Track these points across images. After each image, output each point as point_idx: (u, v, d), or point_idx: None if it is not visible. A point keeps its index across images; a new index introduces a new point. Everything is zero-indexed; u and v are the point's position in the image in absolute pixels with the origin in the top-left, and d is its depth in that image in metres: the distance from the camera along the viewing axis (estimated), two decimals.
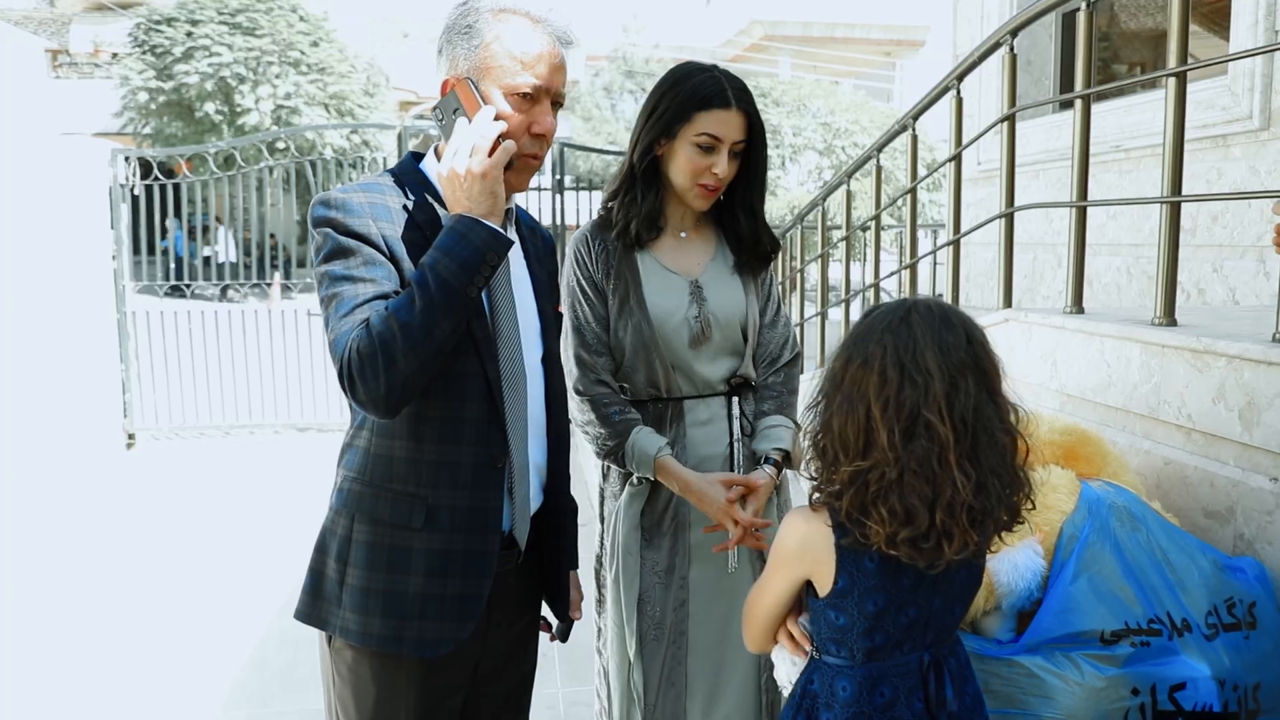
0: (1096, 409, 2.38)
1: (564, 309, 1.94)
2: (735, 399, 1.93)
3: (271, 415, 7.61)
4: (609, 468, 1.97)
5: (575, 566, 1.73)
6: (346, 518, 1.48)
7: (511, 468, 1.50)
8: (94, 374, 6.63)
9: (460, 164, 1.39)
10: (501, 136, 1.40)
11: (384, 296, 1.39)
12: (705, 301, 1.89)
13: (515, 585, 1.58)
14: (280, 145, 11.44)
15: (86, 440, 6.38)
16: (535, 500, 1.58)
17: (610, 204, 1.95)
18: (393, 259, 1.42)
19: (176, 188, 7.46)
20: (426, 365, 1.35)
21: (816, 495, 1.27)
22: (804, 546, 1.28)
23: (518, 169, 1.48)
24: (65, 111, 16.47)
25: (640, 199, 1.89)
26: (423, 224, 1.46)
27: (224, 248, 9.87)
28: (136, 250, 7.64)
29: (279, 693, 3.21)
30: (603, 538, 2.01)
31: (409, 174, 1.52)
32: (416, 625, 1.45)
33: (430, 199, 1.48)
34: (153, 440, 7.33)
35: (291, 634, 1.55)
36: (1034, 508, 1.28)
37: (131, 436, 7.21)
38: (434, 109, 1.48)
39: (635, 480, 1.90)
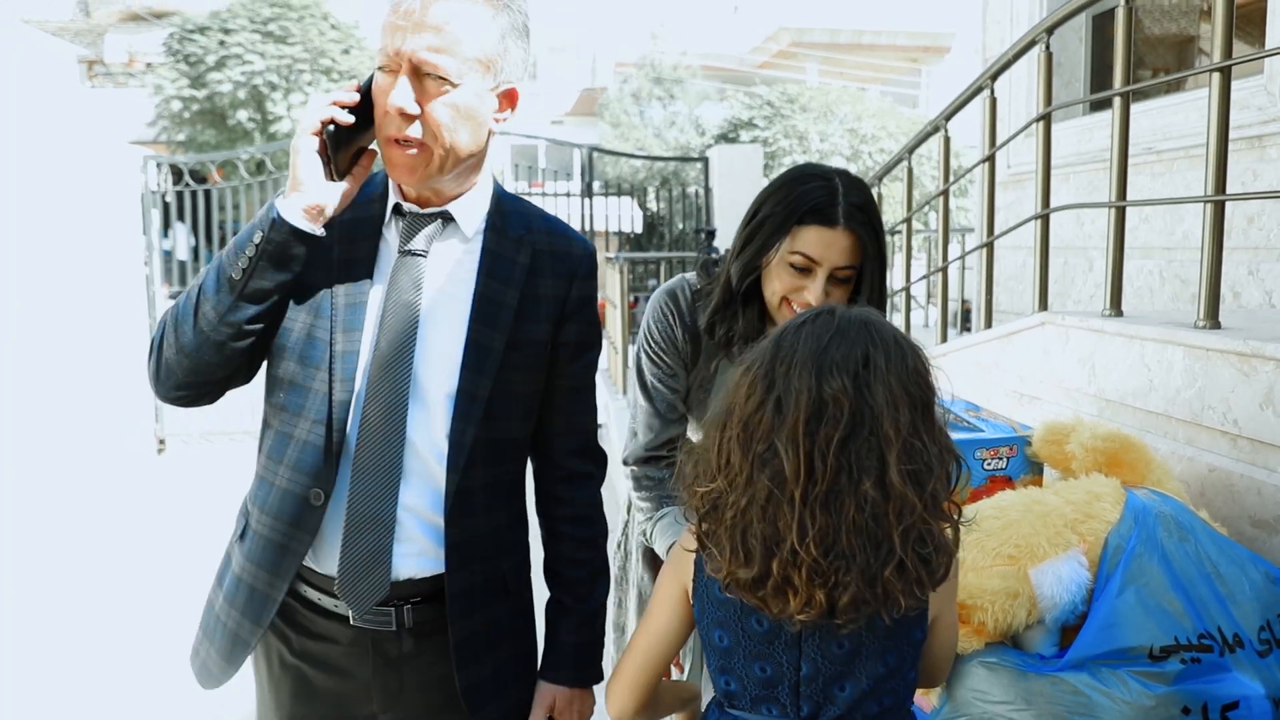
0: (1136, 414, 2.31)
1: (634, 373, 1.77)
2: None
3: None
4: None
5: (570, 682, 1.41)
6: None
7: (327, 510, 1.25)
8: (126, 379, 6.70)
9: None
10: (375, 128, 1.26)
11: None
12: None
13: (412, 650, 1.31)
14: None
15: (118, 445, 6.44)
16: (419, 564, 1.29)
17: (714, 319, 1.68)
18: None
19: (208, 194, 7.52)
20: (189, 353, 1.20)
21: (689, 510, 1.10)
22: (680, 554, 1.15)
23: (391, 161, 1.27)
24: (101, 120, 16.70)
25: (740, 316, 1.64)
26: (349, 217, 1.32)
27: (174, 245, 9.56)
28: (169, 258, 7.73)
29: None
30: (626, 530, 1.96)
31: (378, 171, 1.37)
32: (206, 648, 1.36)
33: (380, 194, 1.35)
34: (183, 445, 7.40)
35: None
36: (932, 588, 1.04)
37: (163, 441, 7.29)
38: None
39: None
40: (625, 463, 1.74)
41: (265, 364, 1.33)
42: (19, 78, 5.34)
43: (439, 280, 1.32)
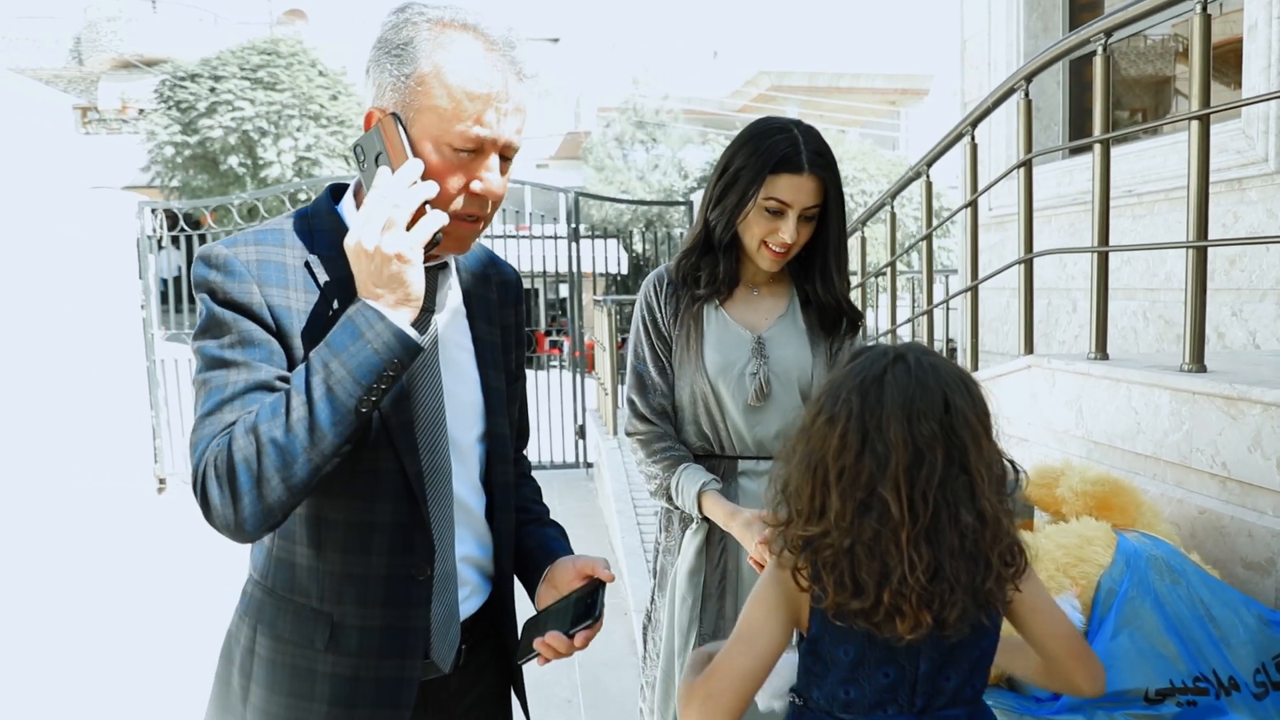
0: (1125, 456, 2.35)
1: (628, 348, 1.94)
2: None
3: None
4: (670, 519, 1.92)
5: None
6: (249, 627, 1.27)
7: (432, 578, 1.24)
8: (125, 421, 6.73)
9: (369, 237, 1.09)
10: (430, 203, 1.12)
11: (262, 386, 1.13)
12: (767, 359, 1.82)
13: (457, 686, 1.33)
14: (302, 196, 11.61)
15: (119, 486, 6.45)
16: (471, 605, 1.32)
17: (684, 262, 1.88)
18: (280, 333, 1.15)
19: (202, 238, 7.58)
20: (298, 490, 1.09)
21: (784, 552, 1.16)
22: (787, 590, 1.16)
23: (453, 234, 1.19)
24: (95, 166, 16.81)
25: (718, 262, 1.84)
26: (328, 286, 1.17)
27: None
28: (165, 299, 7.78)
29: None
30: (654, 594, 1.95)
31: (321, 217, 1.22)
32: None
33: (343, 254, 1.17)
34: (183, 485, 7.39)
35: None
36: (1019, 590, 1.15)
37: (163, 481, 7.28)
38: (354, 147, 1.17)
39: (694, 524, 1.84)
40: (627, 433, 1.88)
41: None
42: (14, 128, 5.40)
43: (443, 330, 1.28)
